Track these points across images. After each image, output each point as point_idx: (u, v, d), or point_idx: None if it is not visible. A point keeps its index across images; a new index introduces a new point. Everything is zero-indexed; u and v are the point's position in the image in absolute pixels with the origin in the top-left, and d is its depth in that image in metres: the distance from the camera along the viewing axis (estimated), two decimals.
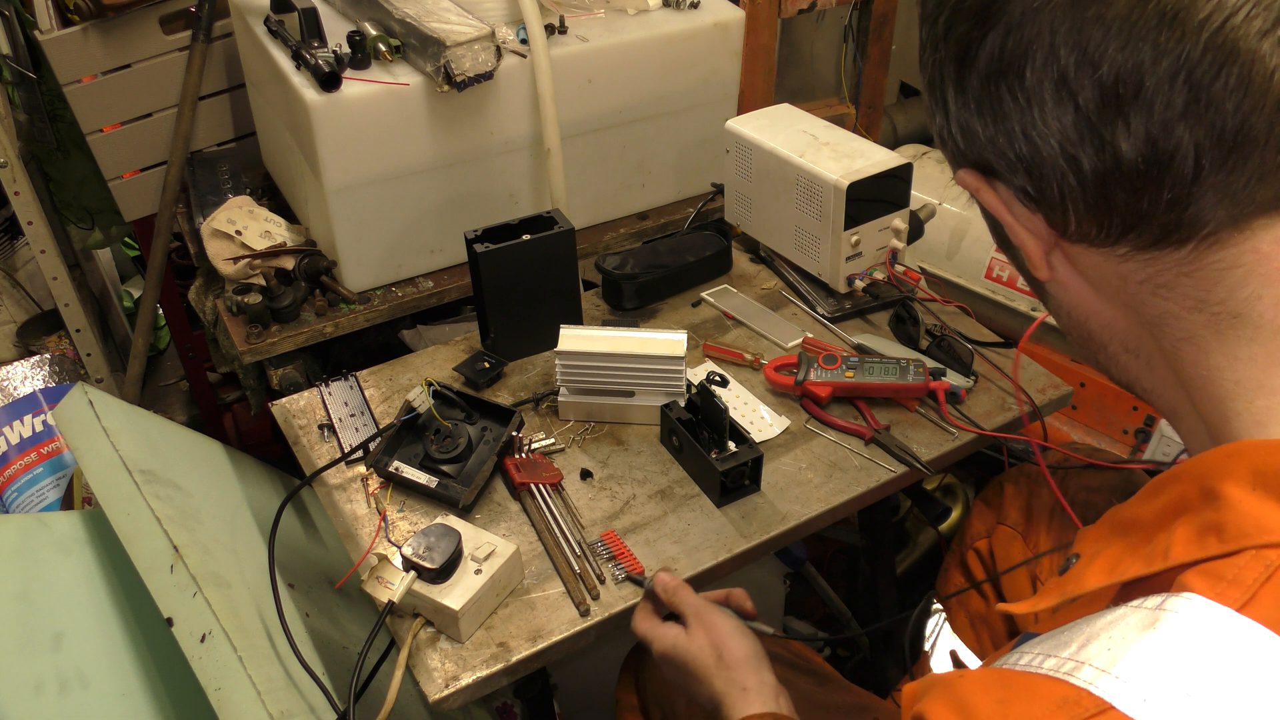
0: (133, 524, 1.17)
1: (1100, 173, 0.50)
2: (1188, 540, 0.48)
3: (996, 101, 0.52)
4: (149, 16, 1.69)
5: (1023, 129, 0.52)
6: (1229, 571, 0.45)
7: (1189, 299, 0.52)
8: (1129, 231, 0.52)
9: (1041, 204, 0.54)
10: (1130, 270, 0.54)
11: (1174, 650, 0.44)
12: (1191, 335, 0.53)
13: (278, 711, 0.98)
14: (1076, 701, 0.44)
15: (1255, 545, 0.45)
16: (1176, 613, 0.46)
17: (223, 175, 1.76)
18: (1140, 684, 0.44)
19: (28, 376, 1.95)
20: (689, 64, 1.62)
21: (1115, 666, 0.45)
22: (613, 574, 1.11)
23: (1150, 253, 0.52)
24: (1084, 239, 0.54)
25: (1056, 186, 0.52)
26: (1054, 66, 0.49)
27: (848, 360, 1.31)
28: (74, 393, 1.35)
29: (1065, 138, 0.50)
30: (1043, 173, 0.52)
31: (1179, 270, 0.52)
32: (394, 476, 1.21)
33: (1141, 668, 0.44)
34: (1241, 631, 0.44)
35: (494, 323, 1.39)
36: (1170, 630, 0.45)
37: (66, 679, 1.16)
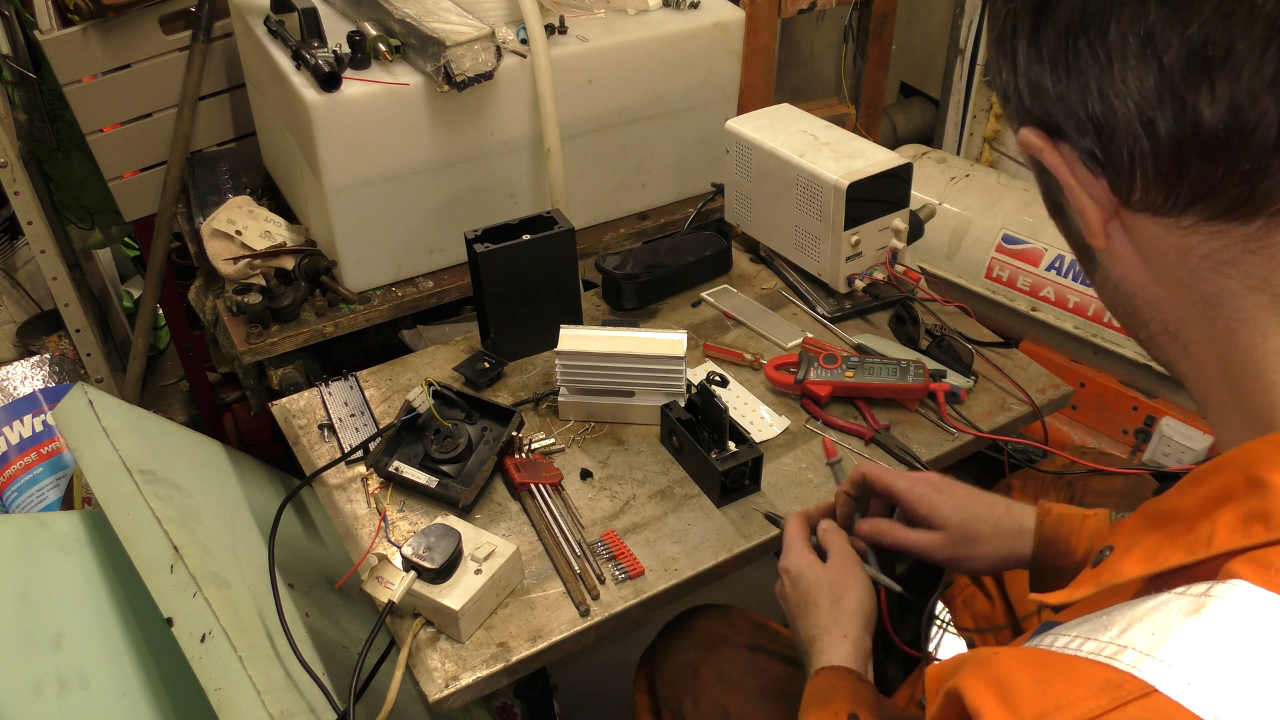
0: (133, 524, 1.17)
1: (1177, 138, 0.48)
2: (1232, 528, 0.47)
3: (1074, 56, 0.50)
4: (149, 16, 1.69)
5: (1099, 87, 0.50)
6: (1277, 559, 0.45)
7: (1252, 277, 0.51)
8: (1198, 201, 0.50)
9: (1108, 168, 0.52)
10: (1193, 244, 0.52)
11: (1220, 636, 0.44)
12: (1250, 316, 0.51)
13: (278, 711, 0.98)
14: (1120, 684, 0.44)
15: None
16: (1223, 599, 0.45)
17: (223, 175, 1.76)
18: (1185, 668, 0.43)
19: (28, 376, 1.95)
20: (689, 64, 1.63)
21: (1159, 650, 0.44)
22: (613, 574, 1.11)
23: (1217, 225, 0.50)
24: (1149, 207, 0.52)
25: (1127, 150, 0.50)
26: (1141, 22, 0.47)
27: (848, 360, 1.31)
28: (74, 393, 1.35)
29: (1144, 99, 0.48)
30: (1115, 134, 0.50)
31: (1245, 246, 0.50)
32: (394, 476, 1.21)
33: (1187, 652, 0.44)
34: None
35: (494, 323, 1.39)
36: (1216, 616, 0.44)
37: (66, 679, 1.16)
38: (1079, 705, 0.44)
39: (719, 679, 1.12)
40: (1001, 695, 0.47)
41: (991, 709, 0.46)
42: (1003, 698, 0.47)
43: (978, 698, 0.48)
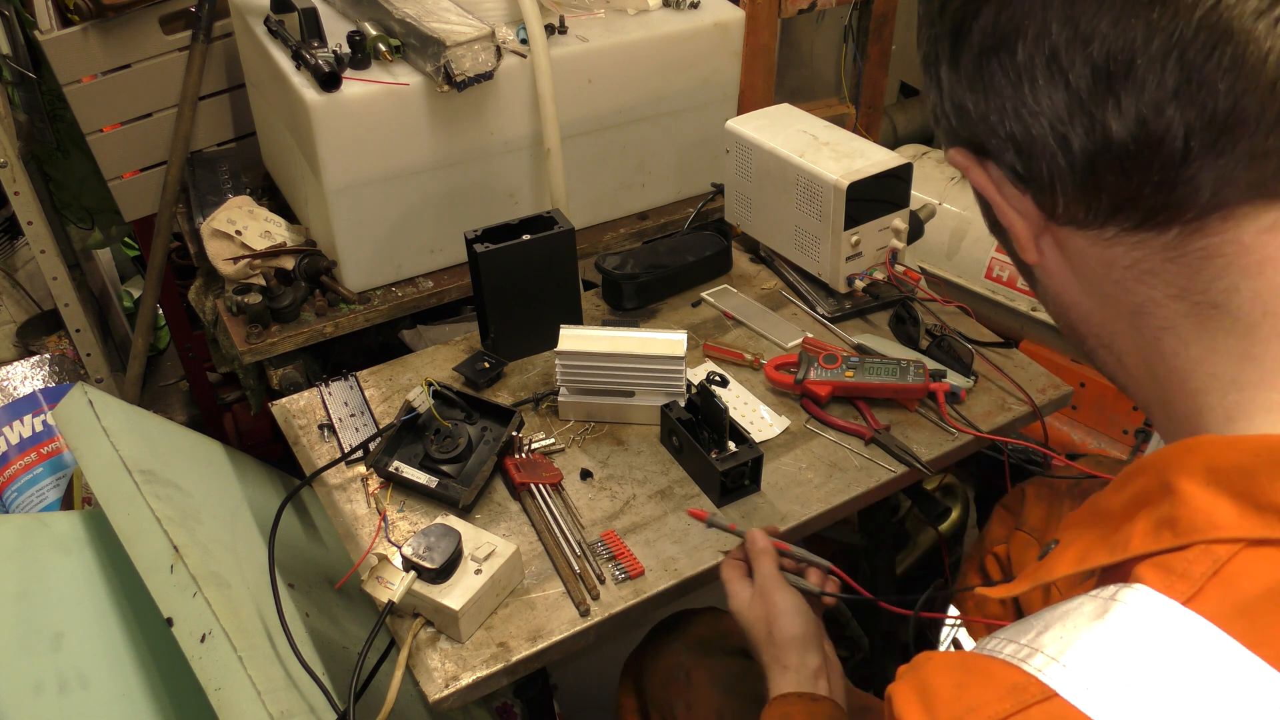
0: (133, 524, 1.17)
1: (1090, 152, 0.50)
2: (1145, 533, 0.49)
3: (989, 78, 0.51)
4: (149, 16, 1.69)
5: (1014, 107, 0.51)
6: (1179, 565, 0.46)
7: (1172, 286, 0.52)
8: (1116, 214, 0.51)
9: (1031, 184, 0.53)
10: (1116, 255, 0.53)
11: (1119, 640, 0.45)
12: (1173, 325, 0.53)
13: (278, 711, 0.98)
14: (1025, 688, 0.45)
15: (1205, 540, 0.46)
16: (1125, 604, 0.47)
17: (223, 175, 1.76)
18: (1084, 672, 0.45)
19: (28, 376, 1.95)
20: (689, 64, 1.62)
21: (1064, 655, 0.46)
22: (613, 574, 1.11)
23: (1136, 235, 0.52)
24: (1072, 221, 0.54)
25: (1046, 166, 0.52)
26: (1046, 43, 0.48)
27: (848, 360, 1.31)
28: (74, 393, 1.35)
29: (1056, 116, 0.50)
30: (1033, 151, 0.52)
31: (1163, 256, 0.51)
32: (394, 476, 1.21)
33: (1087, 657, 0.45)
34: (1185, 625, 0.44)
35: (494, 323, 1.39)
36: (1118, 621, 0.46)
37: (66, 679, 1.16)
38: (986, 709, 0.45)
39: (713, 683, 1.12)
40: (923, 699, 0.49)
41: (913, 713, 0.48)
42: (923, 702, 0.48)
43: (902, 703, 0.50)
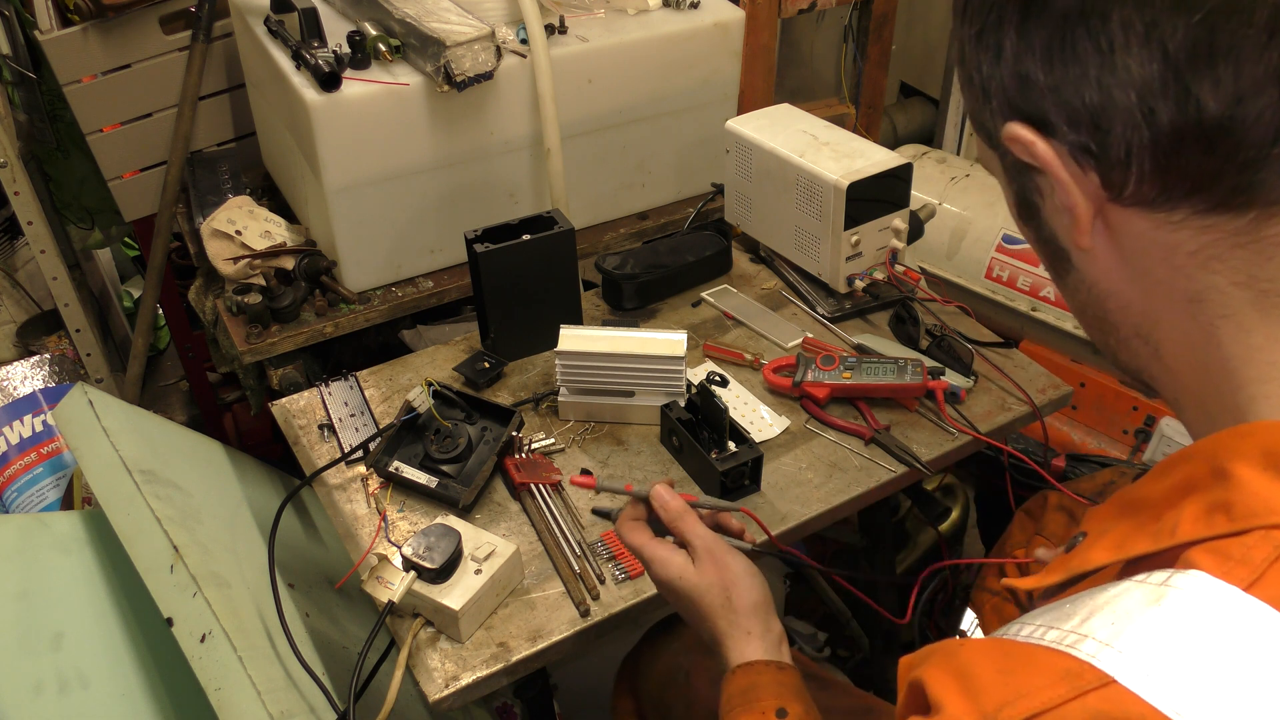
0: (133, 524, 1.17)
1: (1178, 127, 0.47)
2: (1195, 518, 0.48)
3: (1071, 45, 0.49)
4: (149, 16, 1.69)
5: (1097, 75, 0.48)
6: (1237, 550, 0.45)
7: (1238, 273, 0.51)
8: (1193, 194, 0.49)
9: (1102, 161, 0.51)
10: (1181, 239, 0.51)
11: (1179, 626, 0.44)
12: (1233, 312, 0.51)
13: (278, 711, 0.98)
14: (1079, 674, 0.44)
15: (1264, 525, 0.45)
16: (1181, 589, 0.45)
17: (223, 175, 1.76)
18: (1143, 659, 0.43)
19: (28, 376, 1.95)
20: (689, 64, 1.62)
21: (1118, 640, 0.45)
22: (613, 574, 1.11)
23: (1208, 219, 0.50)
24: (1140, 201, 0.51)
25: (1124, 140, 0.49)
26: (1146, 9, 0.46)
27: (845, 361, 1.31)
28: (74, 393, 1.35)
29: (1146, 87, 0.47)
30: (1112, 125, 0.49)
31: (1234, 241, 0.50)
32: (394, 476, 1.21)
33: (1145, 643, 0.44)
34: (1248, 610, 0.43)
35: (494, 323, 1.39)
36: (1175, 606, 0.45)
37: (66, 679, 1.16)
38: (1038, 695, 0.44)
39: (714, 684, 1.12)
40: (963, 686, 0.47)
41: (953, 699, 0.46)
42: (964, 688, 0.47)
43: (939, 688, 0.48)
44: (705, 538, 0.91)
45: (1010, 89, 0.53)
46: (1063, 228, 0.56)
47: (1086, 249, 0.55)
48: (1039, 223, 0.59)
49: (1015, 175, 0.58)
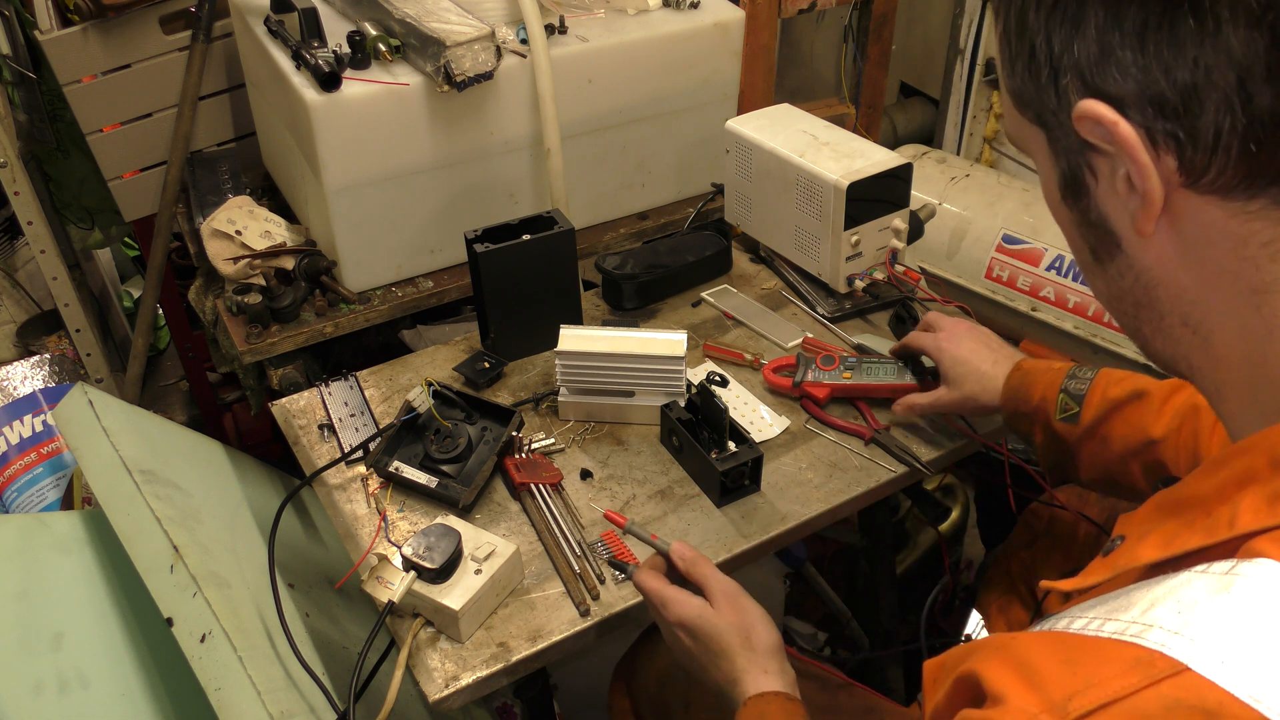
0: (133, 524, 1.17)
1: (1274, 113, 0.46)
2: (1256, 509, 0.47)
3: (1170, 23, 0.47)
4: (149, 16, 1.69)
5: (1196, 56, 0.46)
6: None
7: None
8: (1274, 185, 0.48)
9: (1186, 144, 0.49)
10: (1254, 230, 0.50)
11: (1251, 613, 0.43)
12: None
13: (278, 711, 0.98)
14: (1150, 663, 0.43)
15: None
16: (1250, 577, 0.45)
17: (223, 175, 1.76)
18: (1217, 646, 0.43)
19: (28, 376, 1.95)
20: (689, 64, 1.62)
21: (1188, 629, 0.44)
22: (613, 574, 1.11)
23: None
24: (1219, 189, 0.49)
25: (1214, 126, 0.47)
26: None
27: (845, 361, 1.31)
28: (74, 393, 1.35)
29: (1248, 70, 0.45)
30: (1203, 109, 0.47)
31: None
32: (394, 476, 1.21)
33: (1217, 630, 0.43)
34: None
35: (494, 323, 1.39)
36: (1245, 593, 0.44)
37: (66, 679, 1.16)
38: (1110, 684, 0.43)
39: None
40: (1026, 677, 0.46)
41: (1017, 691, 0.45)
42: (1027, 680, 0.46)
43: (999, 681, 0.47)
44: (723, 583, 0.95)
45: (1089, 66, 0.50)
46: (1119, 211, 0.54)
47: (1149, 235, 0.53)
48: (1088, 204, 0.56)
49: (1067, 154, 0.56)
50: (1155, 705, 0.42)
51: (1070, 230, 0.60)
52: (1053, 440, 1.08)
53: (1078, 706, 0.43)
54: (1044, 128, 0.56)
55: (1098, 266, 0.59)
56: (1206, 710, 0.41)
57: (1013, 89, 0.57)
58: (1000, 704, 0.46)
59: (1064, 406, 1.05)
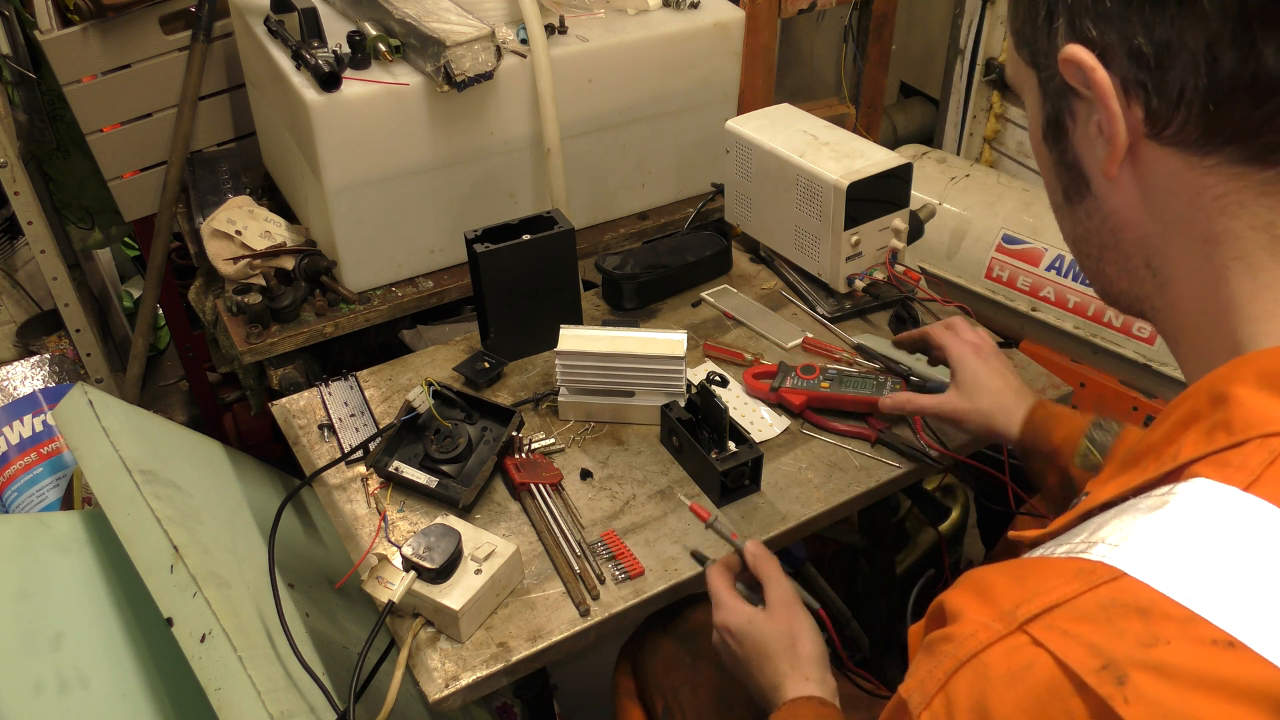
0: (133, 524, 1.17)
1: (1235, 76, 0.50)
2: (1196, 441, 0.51)
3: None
4: (149, 16, 1.69)
5: (1174, 16, 0.50)
6: (1235, 459, 0.48)
7: (1258, 219, 0.53)
8: (1230, 143, 0.52)
9: (1152, 96, 0.53)
10: (1209, 183, 0.54)
11: (1182, 525, 0.47)
12: (1246, 255, 0.54)
13: (278, 711, 0.98)
14: (1091, 571, 0.47)
15: (1261, 435, 0.48)
16: (1183, 495, 0.48)
17: (223, 175, 1.76)
18: (1150, 553, 0.46)
19: (28, 376, 1.95)
20: (689, 64, 1.63)
21: (1126, 542, 0.48)
22: (613, 574, 1.11)
23: (1239, 168, 0.53)
24: (1179, 142, 0.53)
25: (1180, 83, 0.51)
26: None
27: (826, 371, 1.31)
28: (74, 393, 1.35)
29: (1218, 35, 0.49)
30: (1173, 65, 0.51)
31: (1260, 190, 0.53)
32: (394, 476, 1.21)
33: (1151, 541, 0.47)
34: (1246, 506, 0.46)
35: (494, 323, 1.39)
36: (1178, 509, 0.48)
37: (66, 679, 1.16)
38: (1053, 592, 0.47)
39: (719, 669, 1.12)
40: (981, 594, 0.50)
41: (972, 606, 0.50)
42: (982, 597, 0.50)
43: (959, 602, 0.51)
44: (783, 589, 0.98)
45: (1081, 13, 0.54)
46: (1090, 155, 0.58)
47: (1113, 178, 0.57)
48: (1065, 145, 0.60)
49: (1053, 96, 0.59)
50: (1093, 606, 0.46)
51: (1048, 171, 0.64)
52: (1066, 484, 1.08)
53: (1024, 612, 0.47)
54: (1036, 69, 0.60)
55: (1068, 207, 0.63)
56: (1139, 608, 0.45)
57: (1015, 28, 0.61)
58: (958, 619, 0.50)
59: (1085, 453, 1.05)
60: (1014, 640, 0.47)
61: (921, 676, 0.50)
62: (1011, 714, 0.46)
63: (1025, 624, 0.47)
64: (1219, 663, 0.43)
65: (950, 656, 0.49)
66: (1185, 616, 0.44)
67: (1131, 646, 0.44)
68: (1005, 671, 0.47)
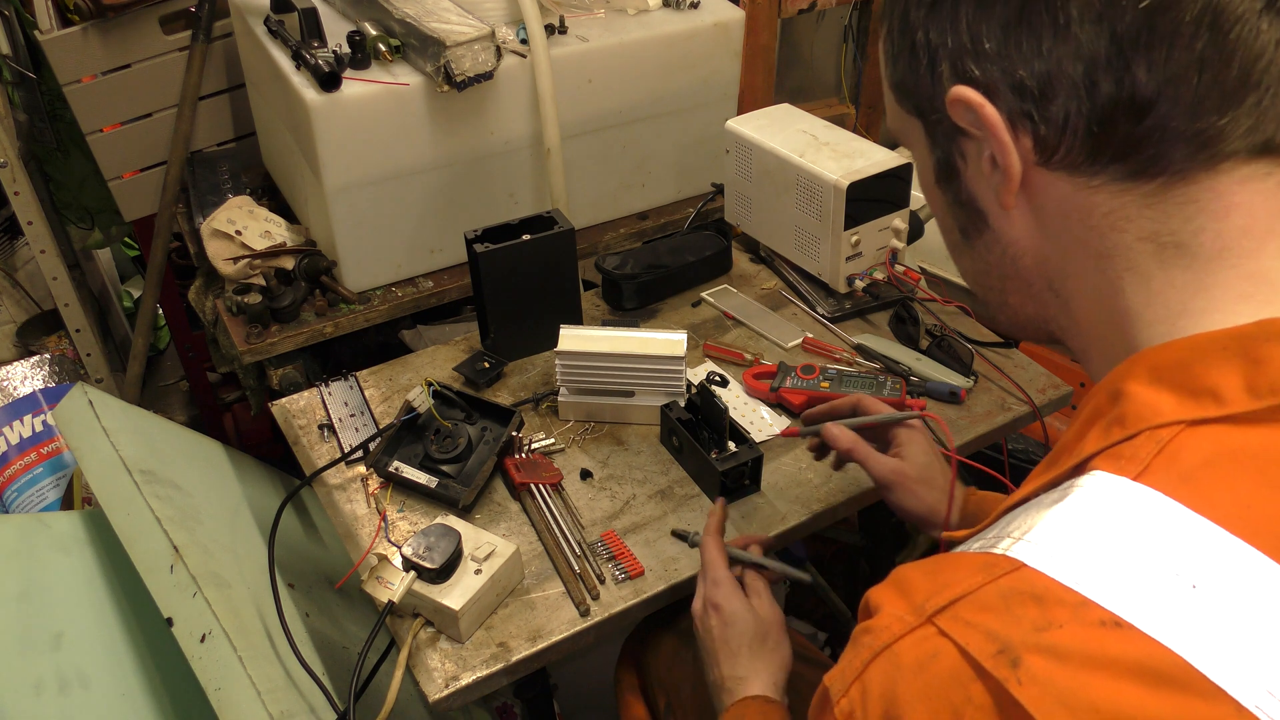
0: (133, 524, 1.17)
1: (1113, 99, 0.53)
2: (1097, 437, 0.54)
3: (1028, 19, 0.54)
4: (149, 16, 1.69)
5: (1051, 48, 0.53)
6: (1127, 451, 0.52)
7: (1144, 230, 0.56)
8: (1114, 162, 0.55)
9: (1040, 126, 0.56)
10: (1096, 202, 0.57)
11: (1077, 516, 0.51)
12: (1136, 265, 0.57)
13: (278, 711, 0.98)
14: (994, 564, 0.51)
15: (1150, 426, 0.52)
16: (1082, 487, 0.52)
17: (223, 175, 1.76)
18: (1047, 544, 0.50)
19: (28, 376, 1.95)
20: (689, 64, 1.62)
21: (1029, 535, 0.51)
22: (613, 574, 1.11)
23: (1124, 184, 0.56)
24: (1067, 166, 0.56)
25: (1064, 109, 0.54)
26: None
27: (825, 372, 1.31)
28: (74, 393, 1.35)
29: (1093, 62, 0.52)
30: (1056, 94, 0.54)
31: (1143, 203, 0.56)
32: (394, 476, 1.21)
33: (1049, 532, 0.51)
34: (1135, 496, 0.50)
35: (494, 323, 1.39)
36: (1075, 501, 0.51)
37: (66, 679, 1.16)
38: (960, 584, 0.50)
39: None
40: (899, 589, 0.54)
41: (889, 599, 0.54)
42: (899, 590, 0.54)
43: (880, 596, 0.55)
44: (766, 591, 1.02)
45: (962, 55, 0.57)
46: (985, 189, 0.61)
47: (1010, 208, 0.60)
48: (959, 185, 0.63)
49: (942, 140, 0.62)
50: (994, 596, 0.49)
51: (943, 212, 0.67)
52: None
53: (933, 605, 0.50)
54: (921, 117, 0.63)
55: (966, 245, 0.66)
56: (1035, 595, 0.48)
57: (895, 82, 0.64)
58: (878, 613, 0.54)
59: None
60: (923, 631, 0.50)
61: (843, 666, 0.53)
62: (917, 700, 0.49)
63: (933, 616, 0.50)
64: (1107, 642, 0.45)
65: (868, 648, 0.52)
66: (1077, 601, 0.47)
67: (1026, 631, 0.47)
68: (914, 661, 0.50)
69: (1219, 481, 0.49)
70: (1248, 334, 0.52)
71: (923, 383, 1.33)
